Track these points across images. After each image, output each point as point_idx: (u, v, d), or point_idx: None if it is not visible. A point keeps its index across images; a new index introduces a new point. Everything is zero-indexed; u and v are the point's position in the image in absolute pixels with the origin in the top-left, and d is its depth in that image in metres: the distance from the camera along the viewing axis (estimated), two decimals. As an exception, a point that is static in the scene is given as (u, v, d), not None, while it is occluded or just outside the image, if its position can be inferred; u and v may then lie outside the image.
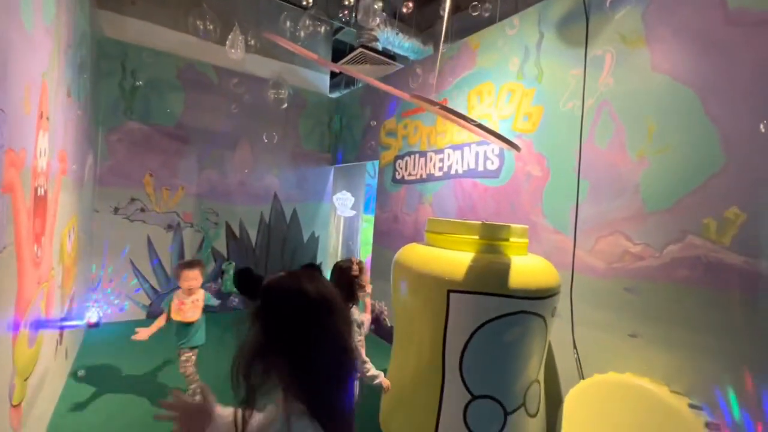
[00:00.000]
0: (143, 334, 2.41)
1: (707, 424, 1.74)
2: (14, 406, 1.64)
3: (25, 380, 1.78)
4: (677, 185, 2.06)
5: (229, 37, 2.74)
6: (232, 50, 2.72)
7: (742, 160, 1.84)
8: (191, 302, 2.56)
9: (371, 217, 5.41)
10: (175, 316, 2.52)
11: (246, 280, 0.91)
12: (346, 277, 2.03)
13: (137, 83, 4.24)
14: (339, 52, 5.74)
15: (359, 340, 2.09)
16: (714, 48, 1.96)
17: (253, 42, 3.61)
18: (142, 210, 4.40)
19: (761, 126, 1.74)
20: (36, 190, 1.75)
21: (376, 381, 2.07)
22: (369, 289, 2.19)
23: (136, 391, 2.79)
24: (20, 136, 1.49)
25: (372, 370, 2.05)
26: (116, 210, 4.24)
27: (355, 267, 2.06)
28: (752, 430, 1.76)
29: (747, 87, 1.84)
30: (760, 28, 1.81)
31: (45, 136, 1.85)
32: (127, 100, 4.26)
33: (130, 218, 4.33)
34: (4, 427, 1.54)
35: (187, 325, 2.55)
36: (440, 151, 3.71)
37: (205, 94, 4.75)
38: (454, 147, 3.54)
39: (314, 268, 0.95)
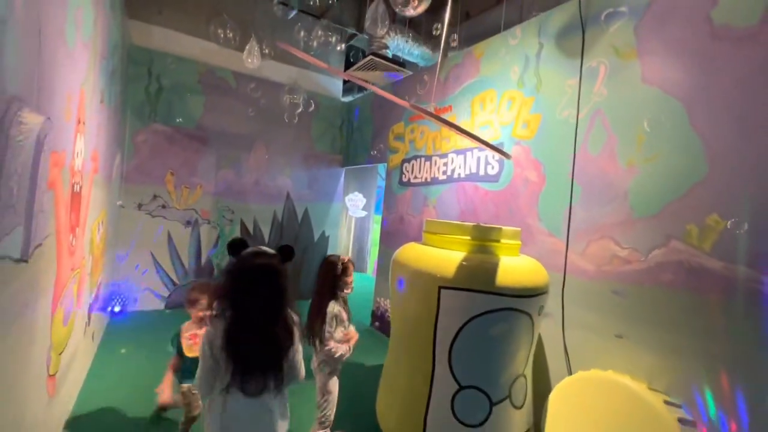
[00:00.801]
0: (166, 393, 2.19)
1: (680, 420, 1.82)
2: (50, 376, 1.87)
3: (60, 354, 2.01)
4: (663, 193, 2.15)
5: (246, 47, 2.95)
6: (249, 59, 2.93)
7: (723, 170, 1.93)
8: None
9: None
10: (190, 353, 2.10)
11: (235, 246, 1.39)
12: (331, 272, 2.19)
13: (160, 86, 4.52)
14: (351, 57, 5.94)
15: (329, 331, 2.10)
16: (700, 62, 2.05)
17: (268, 51, 3.83)
18: (163, 206, 4.68)
19: None
20: (73, 186, 1.98)
21: (338, 353, 2.11)
22: (350, 289, 2.28)
23: (157, 369, 3.03)
24: (62, 140, 1.71)
25: (339, 350, 2.10)
26: (140, 206, 4.54)
27: (340, 265, 2.20)
28: (726, 427, 1.84)
29: (729, 100, 1.93)
30: (742, 43, 1.90)
31: (81, 139, 2.09)
32: (152, 104, 4.56)
33: (152, 214, 4.62)
34: (42, 393, 1.76)
35: None
36: (444, 155, 3.84)
37: (224, 97, 5.02)
38: (458, 152, 3.68)
39: (283, 250, 1.47)
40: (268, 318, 1.30)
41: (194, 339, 2.11)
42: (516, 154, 3.06)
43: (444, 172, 3.84)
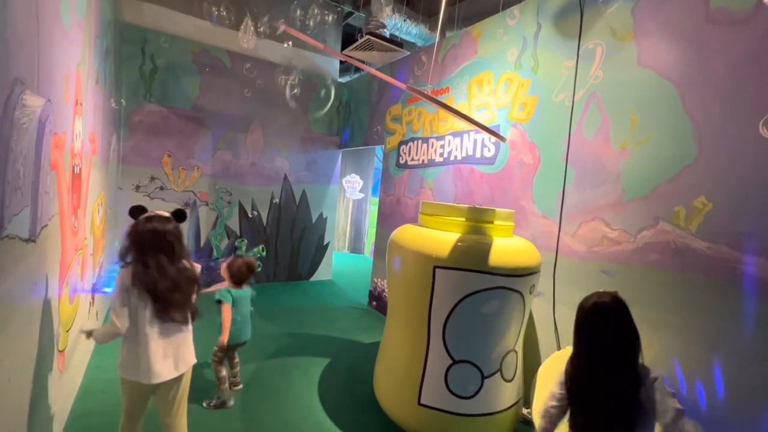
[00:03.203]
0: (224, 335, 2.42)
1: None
2: (60, 352, 1.95)
3: (67, 331, 2.08)
4: (654, 175, 2.20)
5: (242, 26, 2.91)
6: (245, 39, 2.90)
7: (712, 154, 1.97)
8: None
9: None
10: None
11: (135, 210, 1.71)
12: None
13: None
14: (349, 36, 5.85)
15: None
16: (694, 45, 2.07)
17: (262, 29, 3.77)
18: (161, 188, 4.70)
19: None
20: (74, 168, 2.01)
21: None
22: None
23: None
24: (62, 122, 1.73)
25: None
26: (137, 188, 4.55)
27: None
28: (703, 397, 1.95)
29: (720, 84, 1.96)
30: (736, 26, 1.91)
31: (80, 120, 2.10)
32: (146, 84, 4.50)
33: (150, 196, 4.64)
34: (53, 368, 1.84)
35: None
36: (441, 137, 3.86)
37: (220, 77, 4.96)
38: (455, 134, 3.69)
39: (176, 213, 1.75)
40: (163, 265, 1.61)
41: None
42: (512, 136, 3.08)
43: (441, 155, 3.86)
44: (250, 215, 5.38)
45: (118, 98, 4.07)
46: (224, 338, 2.42)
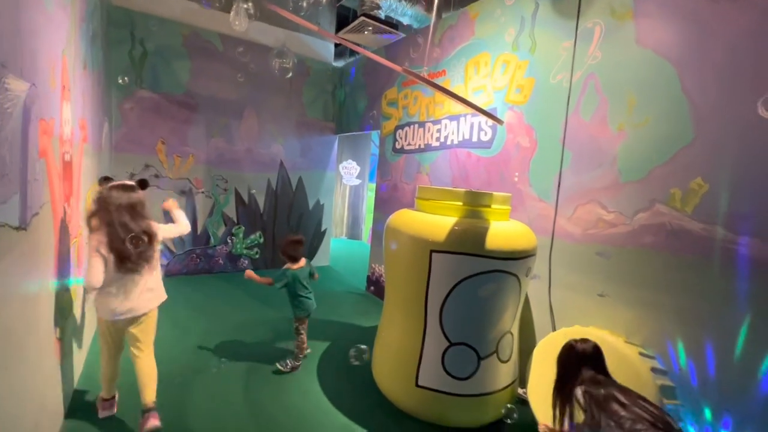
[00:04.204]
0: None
1: (653, 369, 1.97)
2: (58, 339, 1.95)
3: (65, 319, 2.09)
4: (651, 157, 2.19)
5: (233, 8, 2.82)
6: (236, 22, 2.81)
7: (709, 135, 1.96)
8: None
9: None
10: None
11: (103, 180, 2.32)
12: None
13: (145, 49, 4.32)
14: (343, 18, 5.71)
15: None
16: (693, 24, 2.03)
17: (253, 11, 3.67)
18: (156, 176, 4.65)
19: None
20: (64, 155, 1.97)
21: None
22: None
23: (160, 330, 3.15)
24: (49, 108, 1.69)
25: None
26: (132, 176, 4.50)
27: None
28: (695, 375, 1.99)
29: (718, 63, 1.93)
30: (737, 5, 1.87)
31: (68, 106, 2.05)
32: (136, 69, 4.41)
33: (144, 184, 4.59)
34: (51, 356, 1.85)
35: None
36: (438, 121, 3.82)
37: (211, 62, 4.86)
38: (451, 118, 3.65)
39: (140, 182, 2.12)
40: (125, 222, 1.86)
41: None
42: (509, 119, 3.05)
43: (437, 139, 3.82)
44: (251, 192, 5.34)
45: (108, 85, 3.99)
46: (266, 281, 2.76)
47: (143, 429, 1.98)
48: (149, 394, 2.06)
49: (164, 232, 2.16)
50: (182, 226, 2.38)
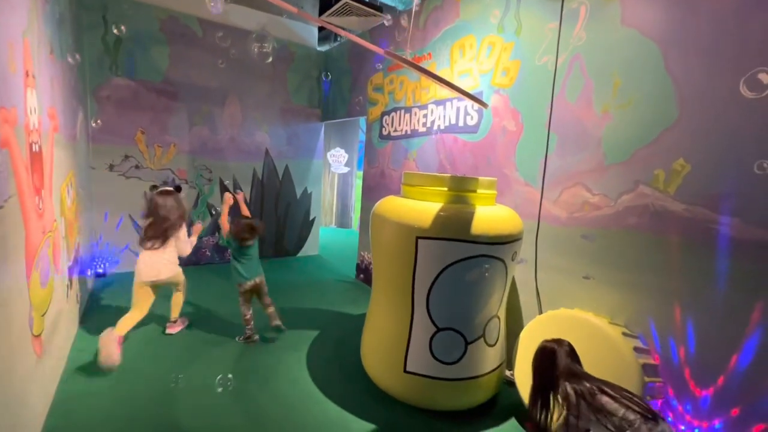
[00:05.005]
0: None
1: (635, 348, 2.00)
2: (35, 336, 1.90)
3: (42, 315, 2.03)
4: (635, 138, 2.18)
5: (208, -11, 2.70)
6: (212, 4, 2.69)
7: (692, 115, 1.96)
8: None
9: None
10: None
11: (153, 187, 3.00)
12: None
13: (118, 31, 4.15)
14: (327, 2, 5.54)
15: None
16: (678, 1, 2.00)
17: (232, -7, 3.53)
18: (137, 167, 4.53)
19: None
20: (31, 146, 1.88)
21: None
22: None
23: (147, 323, 3.11)
24: (9, 95, 1.60)
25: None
26: (111, 167, 4.37)
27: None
28: (675, 353, 2.03)
29: (702, 42, 1.91)
30: (722, -20, 1.84)
31: (33, 93, 1.95)
32: (111, 56, 4.23)
33: (125, 175, 4.47)
34: (28, 350, 1.80)
35: None
36: (424, 106, 3.76)
37: (191, 48, 4.69)
38: (437, 102, 3.60)
39: (176, 188, 3.03)
40: (165, 215, 2.83)
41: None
42: (495, 103, 3.02)
43: (424, 124, 3.78)
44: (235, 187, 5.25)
45: (82, 72, 3.83)
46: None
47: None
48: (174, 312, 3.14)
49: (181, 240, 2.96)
50: (183, 246, 2.99)
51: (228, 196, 3.12)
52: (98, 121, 4.12)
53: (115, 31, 4.07)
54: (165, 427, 2.05)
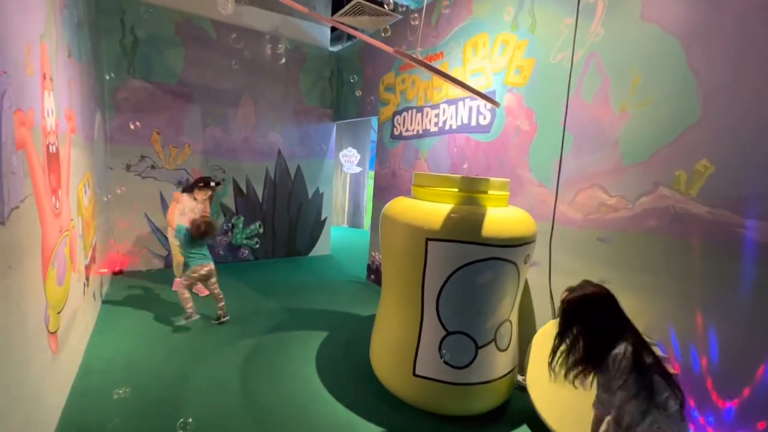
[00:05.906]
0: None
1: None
2: (51, 333, 1.94)
3: (59, 313, 2.07)
4: (654, 138, 2.10)
5: (220, -9, 2.73)
6: (223, 6, 2.72)
7: (716, 113, 1.87)
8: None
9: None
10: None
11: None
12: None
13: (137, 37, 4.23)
14: (340, 1, 5.54)
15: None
16: (702, -6, 1.91)
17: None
18: (153, 167, 4.61)
19: None
20: (48, 147, 1.93)
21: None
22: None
23: (161, 321, 3.16)
24: (26, 97, 1.64)
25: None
26: (128, 167, 4.47)
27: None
28: (697, 362, 1.95)
29: (727, 38, 1.82)
30: (749, -28, 1.75)
31: (50, 96, 1.99)
32: (128, 58, 4.32)
33: (141, 175, 4.56)
34: (44, 347, 1.84)
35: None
36: (436, 106, 3.72)
37: (205, 49, 4.75)
38: (449, 102, 3.55)
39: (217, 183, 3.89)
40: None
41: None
42: (508, 102, 2.95)
43: (435, 124, 3.73)
44: (244, 192, 5.31)
45: (100, 74, 3.92)
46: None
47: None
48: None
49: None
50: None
51: (177, 194, 3.65)
52: (138, 123, 4.24)
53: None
54: (176, 424, 2.07)
